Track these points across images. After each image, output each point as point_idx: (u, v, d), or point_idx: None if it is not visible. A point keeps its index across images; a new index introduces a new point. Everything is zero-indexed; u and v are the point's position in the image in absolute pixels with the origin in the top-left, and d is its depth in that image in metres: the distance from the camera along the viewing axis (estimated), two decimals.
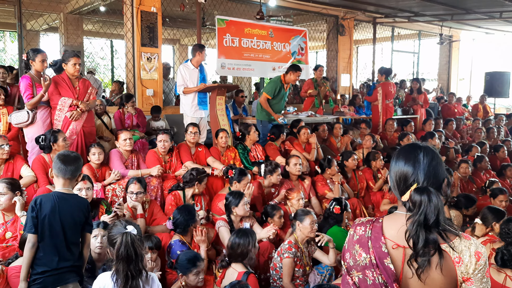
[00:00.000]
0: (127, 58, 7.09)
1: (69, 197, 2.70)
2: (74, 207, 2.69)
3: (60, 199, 2.64)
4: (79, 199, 2.80)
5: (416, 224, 1.45)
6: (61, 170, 2.68)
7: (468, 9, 9.67)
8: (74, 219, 2.68)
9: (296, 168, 5.08)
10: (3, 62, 14.53)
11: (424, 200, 1.45)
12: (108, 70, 14.20)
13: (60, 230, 2.61)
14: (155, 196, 4.49)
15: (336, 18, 10.36)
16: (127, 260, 2.35)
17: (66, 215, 2.64)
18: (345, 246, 1.64)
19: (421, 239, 1.43)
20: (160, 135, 4.89)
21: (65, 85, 4.68)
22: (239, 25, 7.90)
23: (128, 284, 2.34)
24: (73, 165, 2.72)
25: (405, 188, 1.54)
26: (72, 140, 4.67)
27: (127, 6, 6.92)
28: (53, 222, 2.59)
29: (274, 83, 6.23)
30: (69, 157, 2.75)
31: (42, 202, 2.61)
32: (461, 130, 9.57)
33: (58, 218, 2.61)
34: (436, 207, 1.44)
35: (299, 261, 3.63)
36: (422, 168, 1.53)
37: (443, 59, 14.24)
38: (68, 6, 9.73)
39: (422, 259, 1.44)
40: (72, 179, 2.75)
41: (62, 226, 2.61)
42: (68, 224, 2.65)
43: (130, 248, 2.36)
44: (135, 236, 2.41)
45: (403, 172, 1.56)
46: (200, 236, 3.52)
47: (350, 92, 10.93)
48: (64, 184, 2.71)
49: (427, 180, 1.52)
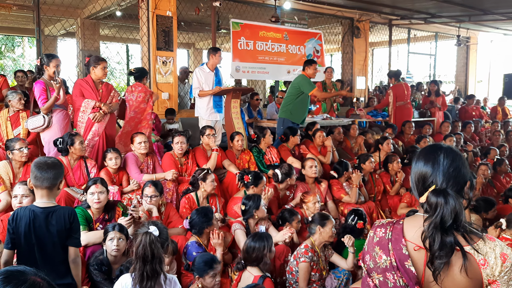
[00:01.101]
0: (142, 62, 7.16)
1: (47, 211, 2.50)
2: (53, 223, 2.49)
3: (36, 215, 2.47)
4: (60, 212, 2.55)
5: (432, 226, 1.43)
6: (38, 179, 2.47)
7: (486, 10, 9.52)
8: (52, 235, 2.49)
9: (312, 171, 5.05)
10: (22, 67, 14.81)
11: (440, 202, 1.43)
12: (124, 74, 14.37)
13: (37, 248, 2.47)
14: (170, 199, 4.50)
15: (351, 21, 10.30)
16: (143, 260, 2.35)
17: (43, 231, 2.47)
18: (365, 248, 1.62)
19: (437, 241, 1.41)
20: (177, 137, 4.91)
21: (89, 88, 4.79)
22: (253, 28, 7.91)
23: (143, 283, 2.34)
24: (51, 172, 2.49)
25: (423, 189, 1.52)
26: (94, 141, 4.74)
27: (143, 11, 6.99)
28: (29, 240, 2.45)
29: (303, 79, 6.24)
30: (46, 163, 2.51)
31: (18, 218, 2.46)
32: (480, 132, 9.40)
33: (34, 235, 2.45)
34: (454, 209, 1.41)
35: (316, 265, 3.59)
36: (442, 169, 1.50)
37: (460, 61, 14.05)
38: (85, 11, 9.88)
39: (438, 261, 1.41)
40: (53, 188, 2.53)
41: (39, 244, 2.47)
42: (46, 241, 2.48)
43: (147, 248, 2.35)
44: (156, 237, 2.40)
45: (422, 173, 1.54)
46: (217, 239, 3.51)
47: (366, 95, 10.85)
48: (43, 195, 2.52)
49: (447, 181, 1.49)
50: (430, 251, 1.43)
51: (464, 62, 13.93)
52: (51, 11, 7.37)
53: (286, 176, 4.83)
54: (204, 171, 4.35)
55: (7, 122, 4.95)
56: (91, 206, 3.56)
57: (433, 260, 1.43)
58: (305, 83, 6.22)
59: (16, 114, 5.00)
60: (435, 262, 1.42)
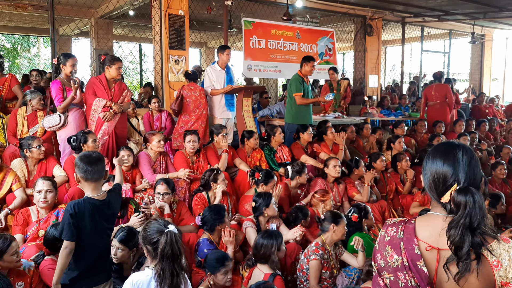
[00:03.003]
0: (155, 61, 7.20)
1: (105, 202, 2.71)
2: (108, 214, 2.73)
3: (97, 207, 2.65)
4: (111, 202, 2.78)
5: (462, 227, 1.38)
6: (88, 173, 2.64)
7: (502, 6, 9.37)
8: (105, 225, 2.72)
9: (336, 170, 5.02)
10: (37, 67, 15.02)
11: (469, 201, 1.39)
12: (137, 73, 14.48)
13: (96, 237, 2.66)
14: (183, 198, 4.53)
15: (364, 19, 10.22)
16: (173, 259, 2.34)
17: (101, 222, 2.68)
18: (376, 247, 1.60)
19: (467, 242, 1.37)
20: (189, 135, 4.93)
21: (101, 87, 4.83)
22: (265, 26, 7.91)
23: (173, 282, 2.34)
24: (99, 165, 2.68)
25: (445, 189, 1.48)
26: (103, 140, 4.79)
27: (156, 10, 7.03)
28: (89, 230, 2.62)
29: (295, 80, 6.17)
30: (93, 158, 2.70)
31: (81, 211, 2.60)
32: (495, 131, 9.27)
33: (94, 226, 2.64)
34: (481, 208, 1.39)
35: (326, 263, 3.59)
36: (462, 167, 1.47)
37: (475, 59, 13.84)
38: (99, 11, 9.97)
39: (464, 262, 1.38)
40: (101, 179, 2.72)
41: (97, 233, 2.66)
42: (102, 230, 2.70)
43: (175, 246, 2.34)
44: (177, 235, 2.41)
45: (442, 172, 1.50)
46: (228, 237, 3.52)
47: (378, 93, 10.76)
48: (95, 188, 2.70)
49: (468, 180, 1.46)
50: (457, 253, 1.39)
51: (479, 60, 13.72)
52: (65, 11, 7.45)
53: (296, 174, 4.83)
54: (213, 172, 4.37)
55: (24, 121, 5.02)
56: None
57: (458, 262, 1.39)
58: (293, 83, 6.16)
59: (34, 113, 5.07)
60: (460, 263, 1.38)
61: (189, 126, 5.59)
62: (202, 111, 5.74)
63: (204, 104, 5.77)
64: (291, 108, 6.15)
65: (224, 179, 4.37)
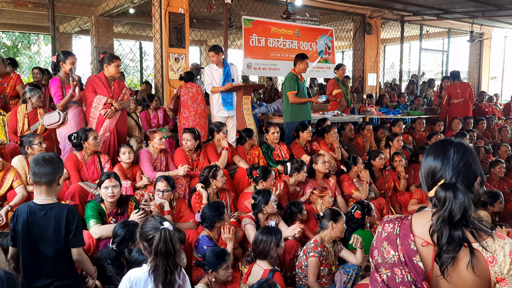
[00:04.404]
0: (155, 59, 7.22)
1: (45, 208, 2.48)
2: (51, 220, 2.47)
3: (34, 212, 2.46)
4: (58, 209, 2.52)
5: (441, 220, 1.42)
6: (36, 175, 2.46)
7: (500, 5, 9.40)
8: (50, 233, 2.47)
9: (324, 166, 5.06)
10: (38, 64, 15.03)
11: (449, 196, 1.42)
12: (137, 71, 14.50)
13: (36, 245, 2.45)
14: (183, 195, 4.55)
15: (363, 17, 10.24)
16: (167, 256, 2.34)
17: (41, 229, 2.46)
18: (373, 243, 1.62)
19: (445, 235, 1.41)
20: (184, 134, 4.95)
21: (101, 85, 4.86)
22: (265, 25, 7.93)
23: (167, 279, 2.36)
24: (49, 167, 2.47)
25: (432, 183, 1.52)
26: (105, 137, 4.82)
27: (156, 8, 7.05)
28: (26, 237, 2.45)
29: (289, 78, 6.18)
30: (44, 159, 2.49)
31: (18, 215, 2.45)
32: (493, 129, 9.31)
33: (32, 232, 2.44)
34: (462, 204, 1.41)
35: (325, 260, 3.62)
36: (451, 164, 1.50)
37: (473, 57, 13.86)
38: (99, 9, 9.98)
39: (445, 256, 1.41)
40: (52, 184, 2.51)
41: (37, 241, 2.45)
42: (45, 239, 2.47)
43: (168, 243, 2.34)
44: (172, 232, 2.43)
45: (431, 167, 1.54)
46: (227, 233, 3.56)
47: (377, 91, 10.79)
48: (42, 192, 2.50)
49: (456, 176, 1.49)
50: (438, 245, 1.43)
51: (477, 58, 13.73)
52: (66, 9, 7.48)
53: (295, 170, 4.86)
54: (212, 168, 4.40)
55: (24, 119, 5.05)
56: (104, 200, 3.63)
57: (441, 255, 1.42)
58: (287, 81, 6.18)
59: (34, 110, 5.09)
60: (443, 256, 1.41)
61: (191, 122, 5.67)
62: (200, 106, 5.85)
63: (201, 99, 5.88)
64: (288, 106, 6.18)
65: (223, 176, 4.40)
